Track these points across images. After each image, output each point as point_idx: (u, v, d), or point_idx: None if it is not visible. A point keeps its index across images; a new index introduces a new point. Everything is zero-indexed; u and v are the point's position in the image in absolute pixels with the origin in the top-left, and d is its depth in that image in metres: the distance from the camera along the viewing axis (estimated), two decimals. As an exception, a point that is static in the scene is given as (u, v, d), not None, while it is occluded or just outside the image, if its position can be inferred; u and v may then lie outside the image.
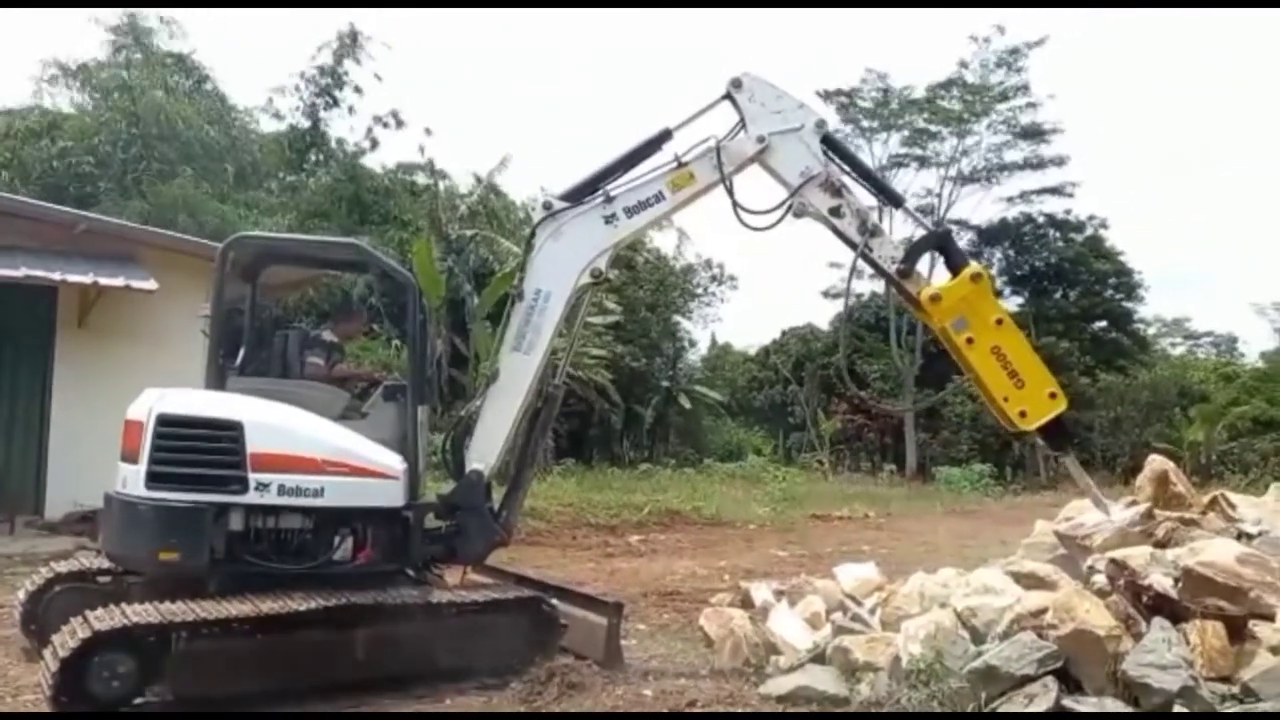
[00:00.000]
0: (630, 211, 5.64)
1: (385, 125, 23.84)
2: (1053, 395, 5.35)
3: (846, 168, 5.72)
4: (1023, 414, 5.32)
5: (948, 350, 5.72)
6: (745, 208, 5.65)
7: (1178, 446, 24.18)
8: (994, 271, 31.89)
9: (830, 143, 5.72)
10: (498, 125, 55.03)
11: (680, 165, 5.62)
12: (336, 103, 24.59)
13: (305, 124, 24.73)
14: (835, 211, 5.56)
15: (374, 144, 24.37)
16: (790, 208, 5.60)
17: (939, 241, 5.73)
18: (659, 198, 5.64)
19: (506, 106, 60.09)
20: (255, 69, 44.85)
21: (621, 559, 11.10)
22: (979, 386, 5.53)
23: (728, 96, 5.64)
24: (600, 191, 5.63)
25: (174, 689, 4.63)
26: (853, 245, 5.60)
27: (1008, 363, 5.33)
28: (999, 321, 5.39)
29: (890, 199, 6.25)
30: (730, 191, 5.61)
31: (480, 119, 57.61)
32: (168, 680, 4.61)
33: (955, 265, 5.55)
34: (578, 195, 5.66)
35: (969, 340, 5.36)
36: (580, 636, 5.70)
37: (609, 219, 5.63)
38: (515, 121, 56.44)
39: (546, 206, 5.67)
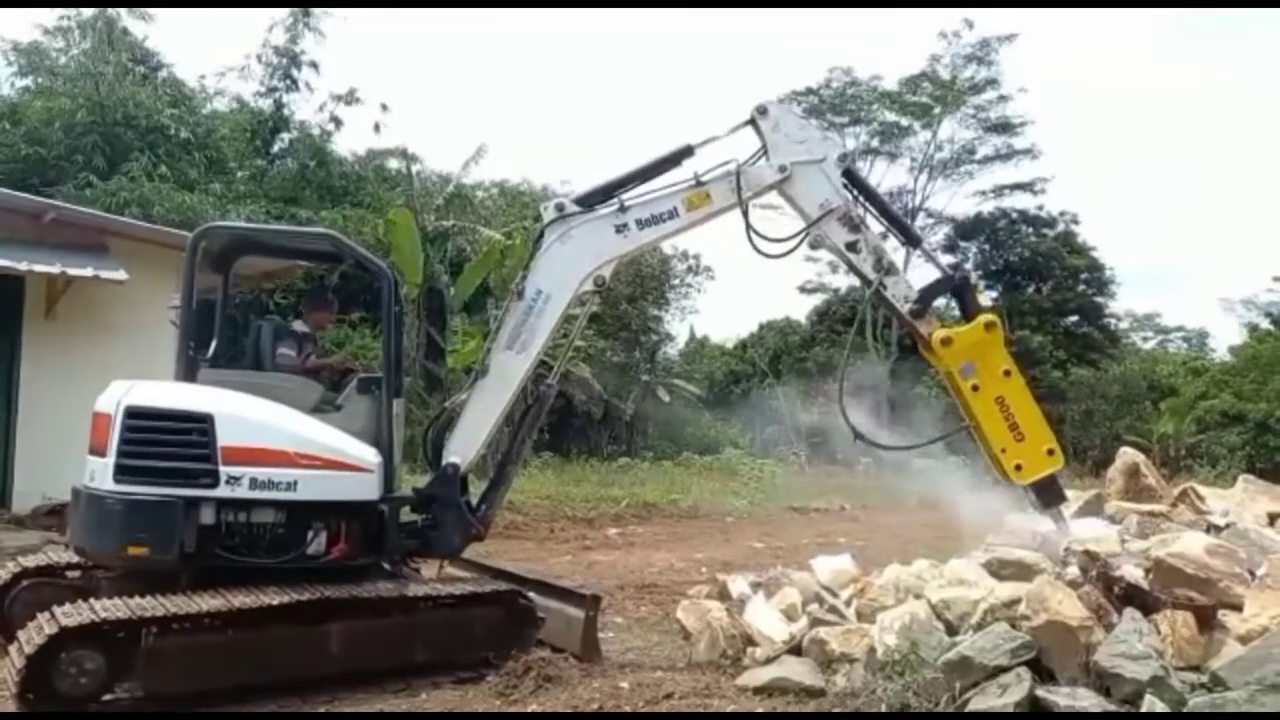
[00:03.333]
0: (643, 224, 5.58)
1: (348, 103, 23.32)
2: (1050, 452, 5.38)
3: (866, 203, 5.69)
4: (1018, 468, 5.36)
5: (951, 393, 5.72)
6: (760, 234, 5.63)
7: (1147, 439, 24.51)
8: (969, 266, 32.20)
9: (851, 177, 5.70)
10: (475, 115, 54.79)
11: (698, 184, 5.56)
12: (296, 85, 24.17)
13: (267, 107, 24.23)
14: (852, 246, 5.55)
15: (338, 124, 23.78)
16: (806, 238, 5.58)
17: (955, 285, 5.72)
18: (673, 214, 5.59)
19: (484, 97, 59.78)
20: (199, 48, 43.68)
21: (599, 552, 11.09)
22: (977, 433, 5.55)
23: (751, 122, 5.58)
24: (615, 199, 5.57)
25: (144, 685, 4.57)
26: (867, 282, 5.61)
27: (1010, 414, 5.35)
28: (1007, 372, 5.41)
29: (908, 238, 6.22)
30: (746, 216, 5.57)
31: (458, 108, 57.35)
32: (137, 676, 4.55)
33: (970, 311, 5.55)
34: (591, 200, 5.60)
35: (974, 387, 5.40)
36: (557, 629, 5.69)
37: (620, 229, 5.57)
38: (492, 111, 56.21)
39: (559, 208, 5.61)
